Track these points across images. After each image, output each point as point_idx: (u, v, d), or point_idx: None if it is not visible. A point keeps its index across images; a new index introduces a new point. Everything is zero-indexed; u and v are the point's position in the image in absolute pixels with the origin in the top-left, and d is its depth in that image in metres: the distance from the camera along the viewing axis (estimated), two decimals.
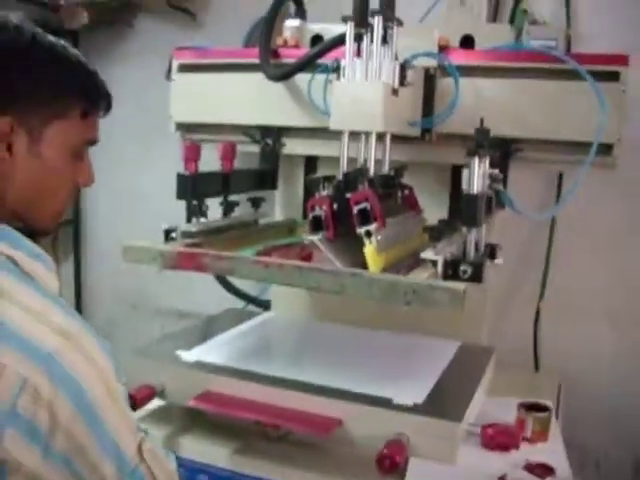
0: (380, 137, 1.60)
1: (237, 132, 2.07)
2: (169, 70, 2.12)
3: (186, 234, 1.66)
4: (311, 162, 2.14)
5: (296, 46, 2.01)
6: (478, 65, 1.78)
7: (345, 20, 1.55)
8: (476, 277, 1.42)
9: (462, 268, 1.42)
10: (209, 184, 1.78)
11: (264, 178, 2.05)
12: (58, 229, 1.14)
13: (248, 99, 2.02)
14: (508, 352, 1.92)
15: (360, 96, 1.52)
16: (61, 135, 1.10)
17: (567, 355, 2.26)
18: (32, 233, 1.13)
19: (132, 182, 2.77)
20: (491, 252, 1.61)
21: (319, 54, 1.78)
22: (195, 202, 1.72)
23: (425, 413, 1.42)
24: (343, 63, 1.57)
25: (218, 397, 1.53)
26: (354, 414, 1.44)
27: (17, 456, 1.00)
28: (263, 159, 2.06)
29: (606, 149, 1.67)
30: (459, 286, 1.32)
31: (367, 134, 1.58)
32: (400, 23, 1.59)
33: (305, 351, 1.81)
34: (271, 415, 1.48)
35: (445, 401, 1.52)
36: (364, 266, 1.46)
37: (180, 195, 1.70)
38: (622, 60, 1.66)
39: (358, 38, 1.56)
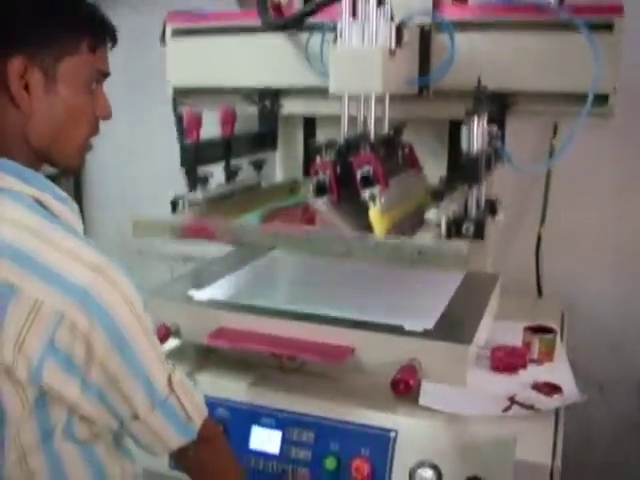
0: (379, 97, 1.60)
1: (235, 95, 2.07)
2: (163, 34, 2.11)
3: (192, 203, 1.69)
4: (310, 122, 2.16)
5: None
6: (472, 20, 1.77)
7: None
8: (478, 234, 1.47)
9: (465, 226, 1.46)
10: (211, 151, 1.81)
11: (264, 140, 2.06)
12: (83, 164, 1.19)
13: (244, 61, 2.01)
14: (511, 281, 1.95)
15: (359, 60, 1.51)
16: (74, 70, 1.12)
17: (569, 281, 2.30)
18: (55, 178, 1.16)
19: (130, 131, 2.76)
20: (491, 207, 1.65)
21: (320, 6, 1.74)
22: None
23: (435, 338, 1.46)
24: (340, 26, 1.56)
25: (232, 333, 1.56)
26: (366, 342, 1.48)
27: (58, 388, 1.05)
28: (262, 121, 2.06)
29: (602, 99, 1.68)
30: (462, 246, 1.37)
31: (366, 95, 1.58)
32: None
33: (315, 285, 1.84)
34: (285, 347, 1.52)
35: (454, 326, 1.56)
36: (369, 227, 1.49)
37: (184, 164, 1.73)
38: (617, 10, 1.65)
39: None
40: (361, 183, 1.49)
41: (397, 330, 1.48)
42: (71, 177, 2.83)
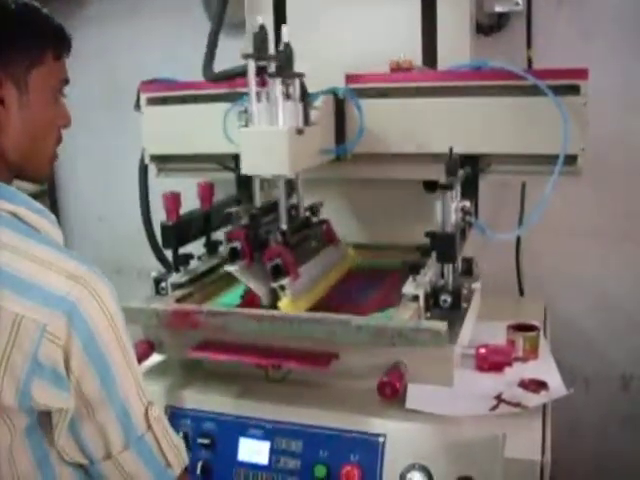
0: None
1: (211, 161, 2.08)
2: (137, 101, 2.10)
3: (176, 286, 1.70)
4: (290, 183, 2.14)
5: None
6: (441, 85, 1.79)
7: (246, 57, 1.53)
8: (456, 305, 1.51)
9: (442, 298, 1.51)
10: (192, 228, 1.82)
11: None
12: (52, 174, 1.19)
13: (218, 128, 1.98)
14: (492, 281, 1.95)
15: (266, 143, 1.52)
16: (43, 80, 1.11)
17: (550, 279, 2.31)
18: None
19: (104, 148, 2.76)
20: (468, 268, 1.69)
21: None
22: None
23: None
24: (249, 107, 1.58)
25: (216, 345, 1.56)
26: (350, 347, 1.48)
27: (52, 404, 1.02)
28: (239, 186, 2.06)
29: (571, 159, 1.70)
30: (441, 326, 1.38)
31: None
32: (301, 75, 1.60)
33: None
34: (270, 356, 1.51)
35: None
36: None
37: (166, 244, 1.76)
38: (582, 74, 1.68)
39: (261, 82, 1.56)
40: (271, 274, 1.56)
41: None
42: (45, 196, 2.81)
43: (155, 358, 1.66)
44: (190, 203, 1.85)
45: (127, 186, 2.25)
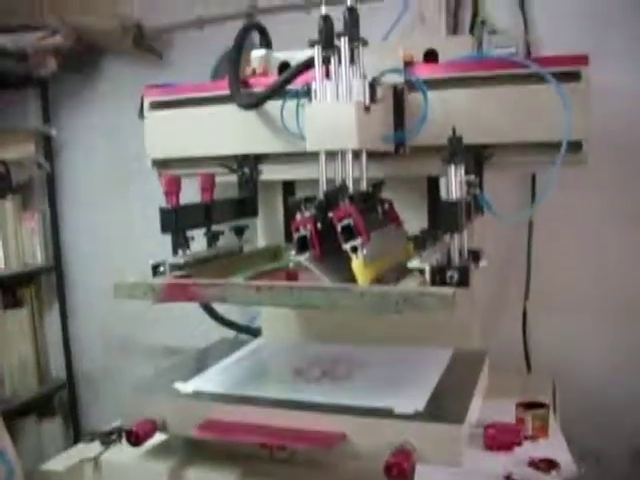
0: (356, 155, 1.62)
1: (213, 163, 2.08)
2: (141, 108, 2.14)
3: (174, 267, 1.67)
4: (289, 186, 2.17)
5: (264, 74, 2.05)
6: (443, 77, 1.81)
7: (312, 44, 1.59)
8: (463, 282, 1.45)
9: (449, 274, 1.45)
10: (192, 216, 1.79)
11: (244, 206, 2.06)
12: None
13: (221, 130, 2.04)
14: (499, 355, 1.94)
15: (333, 116, 1.55)
16: None
17: (558, 353, 2.30)
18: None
19: (111, 225, 2.77)
20: (474, 257, 1.64)
21: (289, 79, 1.81)
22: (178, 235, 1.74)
23: (427, 419, 1.43)
24: (314, 86, 1.61)
25: (220, 424, 1.53)
26: (357, 427, 1.44)
27: None
28: (241, 188, 2.07)
29: (576, 147, 1.71)
30: (448, 291, 1.35)
31: (343, 153, 1.61)
32: (365, 43, 1.63)
33: (301, 371, 1.81)
34: (275, 436, 1.48)
35: (445, 406, 1.53)
36: (353, 281, 1.49)
37: (164, 228, 1.71)
38: (582, 60, 1.71)
39: (326, 60, 1.60)
40: (342, 236, 1.48)
41: (387, 413, 1.45)
42: (52, 271, 2.82)
43: (158, 437, 1.63)
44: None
45: (132, 257, 2.26)
